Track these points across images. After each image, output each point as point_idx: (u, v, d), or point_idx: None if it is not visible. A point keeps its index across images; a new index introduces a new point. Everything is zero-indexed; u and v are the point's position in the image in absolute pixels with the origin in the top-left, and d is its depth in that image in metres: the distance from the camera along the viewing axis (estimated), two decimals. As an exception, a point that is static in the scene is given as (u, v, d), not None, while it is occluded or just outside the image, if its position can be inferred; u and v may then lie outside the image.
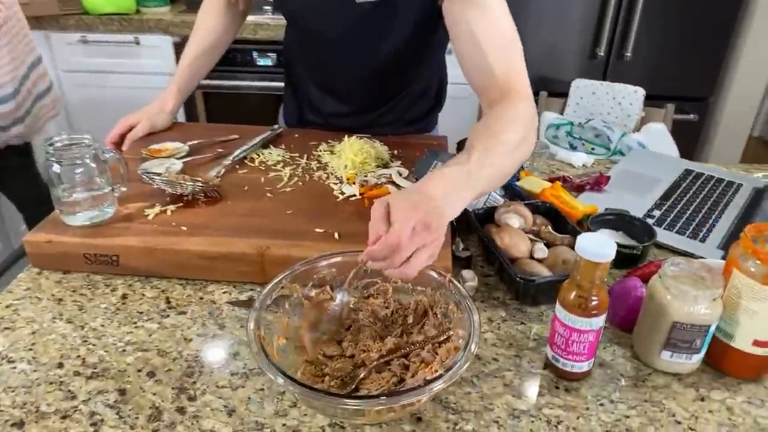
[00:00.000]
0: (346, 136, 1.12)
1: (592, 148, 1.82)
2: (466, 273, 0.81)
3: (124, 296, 0.81)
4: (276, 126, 1.20)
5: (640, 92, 2.02)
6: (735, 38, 2.36)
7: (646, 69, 2.28)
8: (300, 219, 0.89)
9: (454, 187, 0.69)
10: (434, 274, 0.70)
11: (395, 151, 1.13)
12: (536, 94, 2.18)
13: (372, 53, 1.07)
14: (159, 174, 0.94)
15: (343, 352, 0.67)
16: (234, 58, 2.36)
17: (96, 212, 0.86)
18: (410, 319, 0.69)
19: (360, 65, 1.10)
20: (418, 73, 1.16)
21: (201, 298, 0.81)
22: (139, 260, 0.82)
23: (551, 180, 1.08)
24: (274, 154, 1.09)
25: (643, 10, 2.18)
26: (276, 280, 0.68)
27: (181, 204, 0.91)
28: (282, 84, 1.30)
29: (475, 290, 0.82)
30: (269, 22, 2.29)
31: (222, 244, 0.82)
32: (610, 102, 2.08)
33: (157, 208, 0.89)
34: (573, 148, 1.84)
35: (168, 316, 0.77)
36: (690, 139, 2.41)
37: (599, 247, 0.61)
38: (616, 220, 0.93)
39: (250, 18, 2.32)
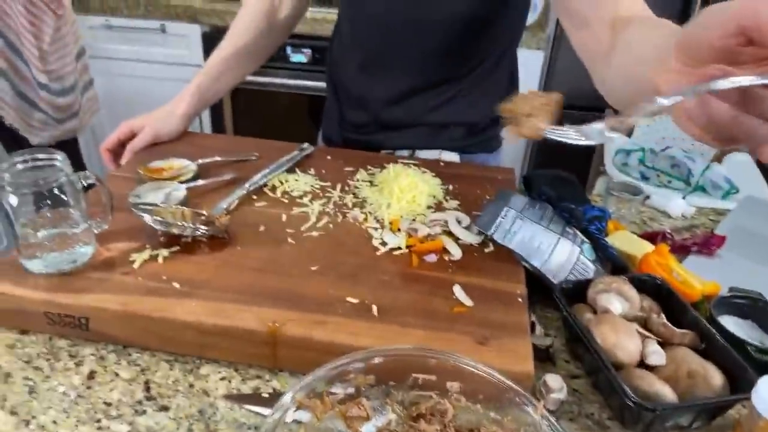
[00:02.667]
0: (390, 165, 0.90)
1: (669, 181, 1.56)
2: (552, 379, 0.59)
3: (91, 374, 0.61)
4: (305, 145, 0.99)
5: (724, 116, 1.77)
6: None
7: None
8: (328, 280, 0.68)
9: None
10: (514, 395, 0.49)
11: (450, 186, 0.91)
12: (600, 111, 1.94)
13: (432, 14, 0.91)
14: (154, 205, 0.74)
15: None
16: (266, 52, 2.17)
17: (65, 256, 0.66)
18: (479, 465, 0.48)
19: (415, 34, 0.93)
20: (485, 52, 0.97)
21: (191, 386, 0.60)
22: (115, 327, 0.62)
23: (648, 236, 0.85)
24: (300, 182, 0.89)
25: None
26: (285, 398, 0.47)
27: (178, 248, 0.71)
28: (318, 83, 1.13)
29: (560, 403, 0.60)
30: (306, 15, 2.08)
31: (223, 313, 0.61)
32: (687, 125, 1.82)
33: (146, 253, 0.69)
34: (645, 178, 1.59)
35: (144, 412, 0.57)
36: (770, 171, 2.13)
37: (800, 408, 0.38)
38: (746, 305, 0.70)
39: (286, 9, 2.12)
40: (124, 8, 2.14)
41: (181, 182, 0.84)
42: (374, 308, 0.63)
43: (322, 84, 2.03)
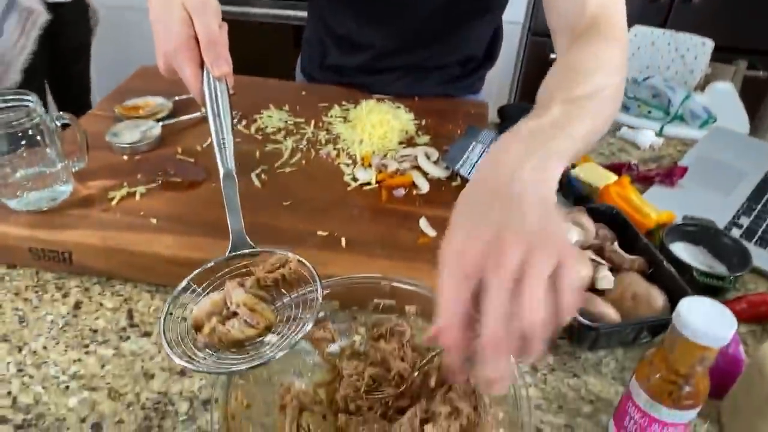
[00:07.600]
0: (363, 101, 0.91)
1: (649, 111, 1.58)
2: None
3: (77, 305, 0.65)
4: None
5: (709, 45, 1.75)
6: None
7: (716, 15, 1.97)
8: (299, 214, 0.71)
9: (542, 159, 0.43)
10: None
11: (423, 121, 0.92)
12: (586, 40, 1.91)
13: None
14: (132, 143, 0.76)
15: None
16: (246, -19, 2.10)
17: (45, 194, 0.69)
18: (432, 381, 0.53)
19: None
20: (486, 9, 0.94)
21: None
22: (96, 260, 0.66)
23: (613, 168, 0.88)
24: (274, 118, 0.90)
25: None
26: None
27: (155, 185, 0.74)
28: (303, 13, 1.05)
29: (516, 324, 0.64)
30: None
31: (196, 246, 0.65)
32: (672, 54, 1.81)
33: (124, 190, 0.72)
34: (626, 108, 1.60)
35: (128, 338, 0.62)
36: (754, 101, 2.13)
37: (712, 325, 0.42)
38: (698, 233, 0.74)
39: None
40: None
41: (157, 120, 0.85)
42: (343, 240, 0.67)
43: (304, 13, 1.98)
